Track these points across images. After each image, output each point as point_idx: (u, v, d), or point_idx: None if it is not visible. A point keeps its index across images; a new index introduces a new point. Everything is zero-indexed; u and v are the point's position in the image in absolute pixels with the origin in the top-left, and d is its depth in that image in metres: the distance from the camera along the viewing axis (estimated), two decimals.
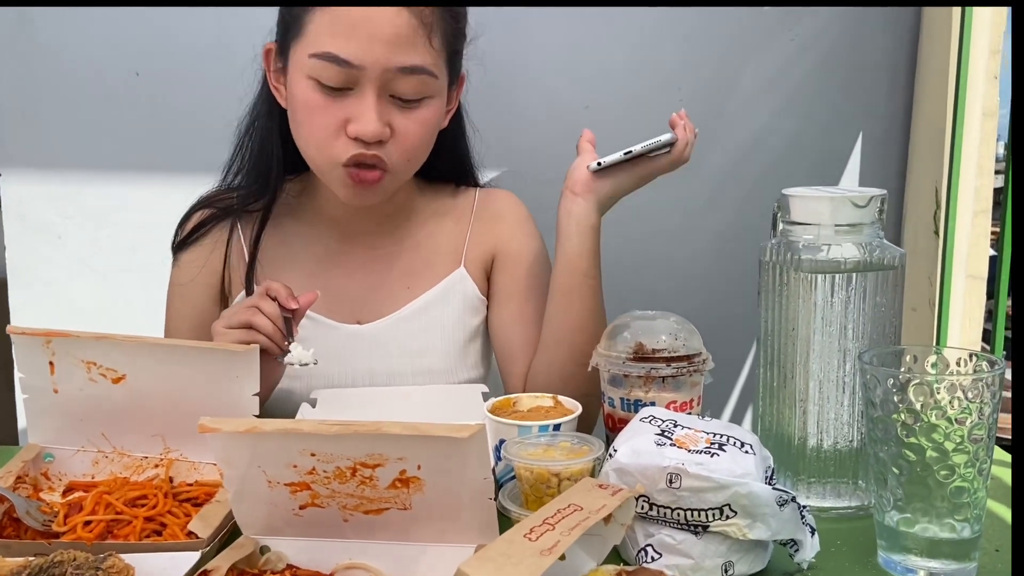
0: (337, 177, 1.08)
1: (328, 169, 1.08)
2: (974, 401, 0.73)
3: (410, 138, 1.07)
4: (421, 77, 1.04)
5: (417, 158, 1.12)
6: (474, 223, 1.24)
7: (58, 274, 1.65)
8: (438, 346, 1.21)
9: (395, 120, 1.05)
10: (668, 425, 0.81)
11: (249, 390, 0.90)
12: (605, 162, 1.08)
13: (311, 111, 1.05)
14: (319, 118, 1.05)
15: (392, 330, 1.19)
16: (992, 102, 1.54)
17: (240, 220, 1.20)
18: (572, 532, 0.65)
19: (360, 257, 1.21)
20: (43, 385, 0.91)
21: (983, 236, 1.60)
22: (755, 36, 1.63)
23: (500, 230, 1.25)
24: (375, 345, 1.19)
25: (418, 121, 1.07)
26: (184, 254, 1.20)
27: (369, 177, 1.07)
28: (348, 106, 1.04)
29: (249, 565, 0.76)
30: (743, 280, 1.69)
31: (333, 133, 1.05)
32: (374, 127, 1.03)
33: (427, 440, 0.70)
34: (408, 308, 1.20)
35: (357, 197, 1.10)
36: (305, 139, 1.09)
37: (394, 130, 1.05)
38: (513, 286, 1.23)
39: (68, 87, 1.58)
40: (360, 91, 1.03)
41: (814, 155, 1.68)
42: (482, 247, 1.24)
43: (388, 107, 1.05)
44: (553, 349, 1.14)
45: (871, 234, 0.89)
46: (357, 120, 1.03)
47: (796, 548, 0.77)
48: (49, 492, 0.91)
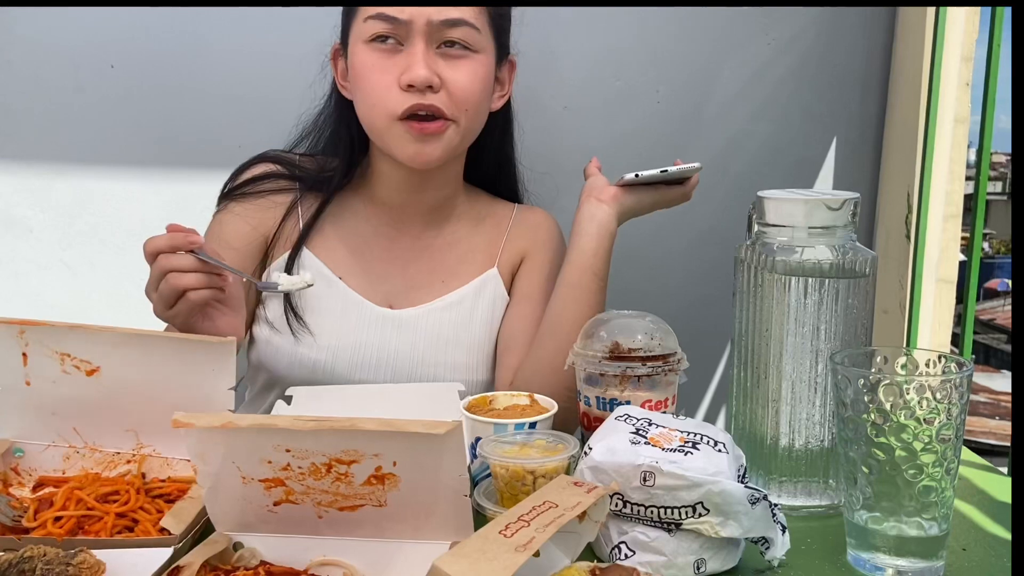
0: (397, 134, 1.13)
1: (387, 126, 1.13)
2: (942, 402, 0.74)
3: (460, 86, 1.13)
4: (463, 28, 1.12)
5: (473, 110, 1.16)
6: (511, 230, 1.31)
7: (30, 268, 1.63)
8: (465, 340, 1.25)
9: (443, 71, 1.12)
10: (643, 424, 0.81)
11: (225, 384, 0.90)
12: (642, 176, 1.15)
13: (369, 71, 1.12)
14: (375, 75, 1.12)
15: (423, 319, 1.24)
16: (964, 108, 1.57)
17: (306, 191, 1.24)
18: (547, 529, 0.65)
19: (403, 245, 1.26)
20: (15, 378, 0.90)
21: (953, 240, 1.63)
22: (732, 39, 1.64)
23: (534, 238, 1.31)
24: (405, 330, 1.23)
25: (465, 71, 1.13)
26: (236, 204, 1.23)
27: (431, 127, 1.12)
28: (400, 61, 1.11)
29: (222, 561, 0.75)
30: (718, 281, 1.70)
31: (388, 87, 1.11)
32: (424, 71, 1.09)
33: (403, 436, 0.70)
34: (440, 301, 1.25)
35: (419, 153, 1.13)
36: (364, 101, 1.15)
37: (443, 80, 1.12)
38: (530, 289, 1.28)
39: (42, 79, 1.56)
40: (410, 45, 1.11)
41: (789, 158, 1.69)
42: (515, 253, 1.30)
43: (436, 59, 1.12)
44: (548, 339, 1.16)
45: (844, 236, 0.91)
46: (408, 70, 1.10)
47: (767, 546, 0.78)
48: (19, 487, 0.90)
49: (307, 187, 1.24)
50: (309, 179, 1.24)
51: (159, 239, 0.98)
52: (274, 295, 1.20)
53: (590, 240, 1.16)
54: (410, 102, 1.11)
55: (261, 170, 1.24)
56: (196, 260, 0.97)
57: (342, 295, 1.22)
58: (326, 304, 1.21)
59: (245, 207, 1.22)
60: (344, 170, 1.23)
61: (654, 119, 1.65)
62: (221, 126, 1.57)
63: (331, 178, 1.23)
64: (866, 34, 1.66)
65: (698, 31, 1.63)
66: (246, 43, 1.56)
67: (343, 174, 1.23)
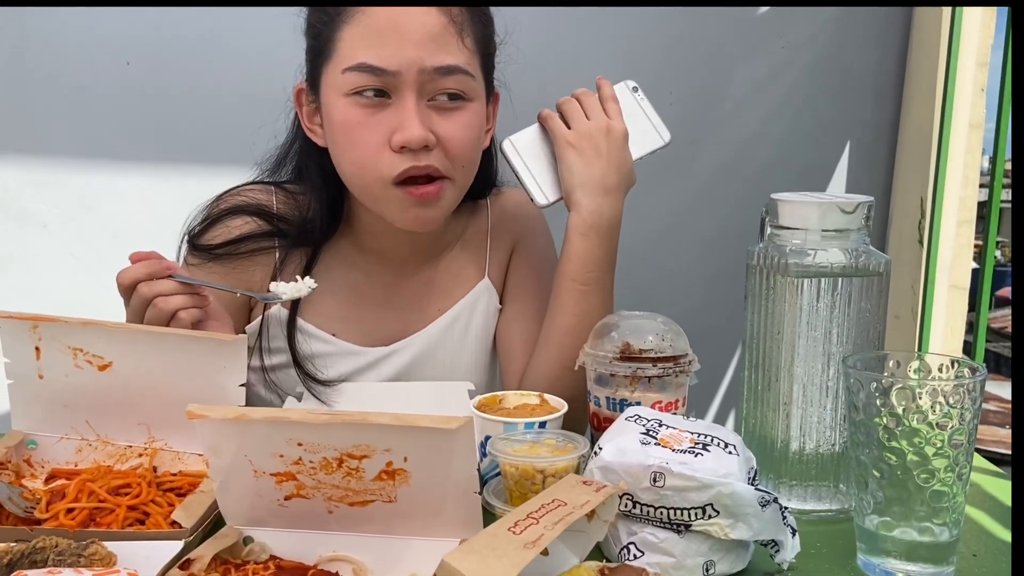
0: (393, 199, 1.04)
1: (380, 191, 1.04)
2: (955, 407, 0.74)
3: (456, 142, 1.04)
4: (458, 77, 1.02)
5: (469, 166, 1.08)
6: (492, 229, 1.24)
7: (42, 263, 1.64)
8: (463, 358, 1.21)
9: (437, 126, 1.02)
10: (653, 424, 0.81)
11: (236, 380, 0.90)
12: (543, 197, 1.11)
13: (352, 129, 1.02)
14: (361, 135, 1.02)
15: (419, 345, 1.18)
16: (979, 114, 1.56)
17: (289, 248, 1.14)
18: (556, 527, 0.65)
19: (400, 286, 1.19)
20: (28, 371, 0.90)
21: (966, 247, 1.62)
22: (746, 42, 1.64)
23: (515, 228, 1.25)
24: (402, 361, 1.17)
25: (461, 124, 1.04)
26: (217, 264, 1.12)
27: (429, 190, 1.03)
28: (388, 118, 1.01)
29: (232, 555, 0.76)
30: (730, 283, 1.70)
31: (378, 149, 1.01)
32: (418, 131, 0.99)
33: (414, 431, 0.70)
34: (435, 325, 1.19)
35: (418, 219, 1.06)
36: (350, 162, 1.05)
37: (439, 136, 1.02)
38: (521, 284, 1.24)
39: (58, 76, 1.58)
40: (399, 100, 1.01)
41: (802, 161, 1.69)
42: (502, 252, 1.25)
43: (429, 113, 1.02)
44: (543, 349, 1.14)
45: (857, 240, 0.90)
46: (400, 129, 1.00)
47: (777, 549, 0.77)
48: (31, 479, 0.91)
49: (291, 244, 1.14)
50: (293, 234, 1.13)
51: (135, 269, 0.95)
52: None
53: (565, 249, 1.10)
54: (405, 164, 1.01)
55: (238, 230, 1.12)
56: (177, 283, 0.95)
57: (336, 348, 1.15)
58: (320, 361, 1.15)
59: (225, 267, 1.12)
60: (327, 221, 1.13)
61: (666, 121, 1.65)
62: (235, 123, 1.58)
63: (315, 230, 1.13)
64: (881, 38, 1.66)
65: (711, 33, 1.63)
66: (260, 41, 1.56)
67: (326, 226, 1.13)
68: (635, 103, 1.15)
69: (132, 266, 0.96)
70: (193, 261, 1.13)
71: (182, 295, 0.95)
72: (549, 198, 1.11)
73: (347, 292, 1.16)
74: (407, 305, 1.19)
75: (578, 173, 1.07)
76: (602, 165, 1.07)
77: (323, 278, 1.12)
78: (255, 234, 1.13)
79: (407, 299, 1.19)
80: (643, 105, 1.15)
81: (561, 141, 1.08)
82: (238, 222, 1.13)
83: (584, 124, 1.08)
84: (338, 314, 1.11)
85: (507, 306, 1.24)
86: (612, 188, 1.08)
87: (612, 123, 1.08)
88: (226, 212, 1.14)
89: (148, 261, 0.96)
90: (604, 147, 1.07)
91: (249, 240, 1.12)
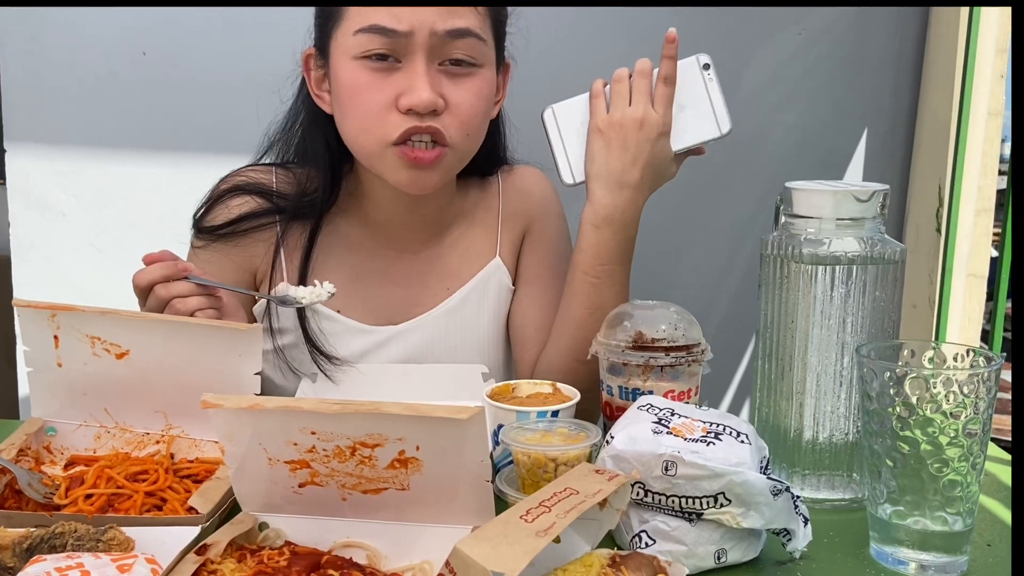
0: (390, 160, 1.03)
1: (379, 152, 1.03)
2: (969, 396, 0.73)
3: (465, 108, 1.03)
4: (469, 40, 1.01)
5: (475, 134, 1.07)
6: (503, 207, 1.22)
7: (61, 252, 1.66)
8: (473, 340, 1.19)
9: (447, 90, 1.01)
10: (665, 413, 0.81)
11: (251, 369, 0.91)
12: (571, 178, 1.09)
13: (360, 91, 1.01)
14: (368, 96, 1.01)
15: (428, 327, 1.17)
16: (998, 101, 1.55)
17: (288, 221, 1.15)
18: (568, 515, 0.66)
19: (403, 263, 1.18)
20: (47, 359, 0.91)
21: (985, 235, 1.61)
22: (762, 29, 1.63)
23: (529, 207, 1.23)
24: (411, 343, 1.17)
25: (471, 91, 1.03)
26: (220, 244, 1.13)
27: (426, 156, 1.02)
28: (398, 80, 1.00)
29: (248, 541, 0.77)
30: (744, 272, 1.69)
31: (383, 110, 1.01)
32: (427, 94, 0.98)
33: (426, 421, 0.70)
34: (444, 306, 1.18)
35: (415, 181, 1.05)
36: (352, 123, 1.04)
37: (447, 101, 1.01)
38: (535, 267, 1.22)
39: (76, 65, 1.59)
40: (409, 62, 1.00)
41: (818, 149, 1.68)
42: (514, 231, 1.23)
43: (439, 77, 1.01)
44: (554, 340, 1.14)
45: (872, 229, 0.90)
46: (408, 92, 0.99)
47: (789, 537, 0.77)
48: (51, 465, 0.92)
49: (289, 217, 1.14)
50: (291, 208, 1.13)
51: (151, 271, 0.96)
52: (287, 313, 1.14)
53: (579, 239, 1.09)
54: (407, 124, 1.00)
55: (238, 209, 1.13)
56: (193, 284, 0.97)
57: (341, 326, 1.14)
58: (329, 340, 1.14)
59: (228, 245, 1.13)
60: (328, 190, 1.12)
61: None
62: (250, 114, 1.58)
63: (315, 202, 1.12)
64: (899, 24, 1.64)
65: (727, 20, 1.62)
66: (276, 33, 1.56)
67: (327, 195, 1.12)
68: (701, 82, 1.06)
69: (148, 268, 0.97)
70: (198, 243, 1.15)
71: (198, 296, 0.97)
72: (576, 178, 1.08)
73: (348, 268, 1.16)
74: (412, 282, 1.18)
75: (599, 163, 1.05)
76: (625, 159, 1.04)
77: (323, 256, 1.15)
78: (255, 212, 1.13)
79: (411, 276, 1.18)
80: (709, 87, 1.06)
81: (592, 125, 1.06)
82: (238, 201, 1.14)
83: (619, 112, 1.04)
84: (341, 291, 1.08)
85: (520, 288, 1.23)
86: (632, 183, 1.05)
87: (649, 115, 1.04)
88: (226, 192, 1.15)
89: (164, 263, 0.97)
90: (633, 140, 1.04)
91: (249, 218, 1.13)
